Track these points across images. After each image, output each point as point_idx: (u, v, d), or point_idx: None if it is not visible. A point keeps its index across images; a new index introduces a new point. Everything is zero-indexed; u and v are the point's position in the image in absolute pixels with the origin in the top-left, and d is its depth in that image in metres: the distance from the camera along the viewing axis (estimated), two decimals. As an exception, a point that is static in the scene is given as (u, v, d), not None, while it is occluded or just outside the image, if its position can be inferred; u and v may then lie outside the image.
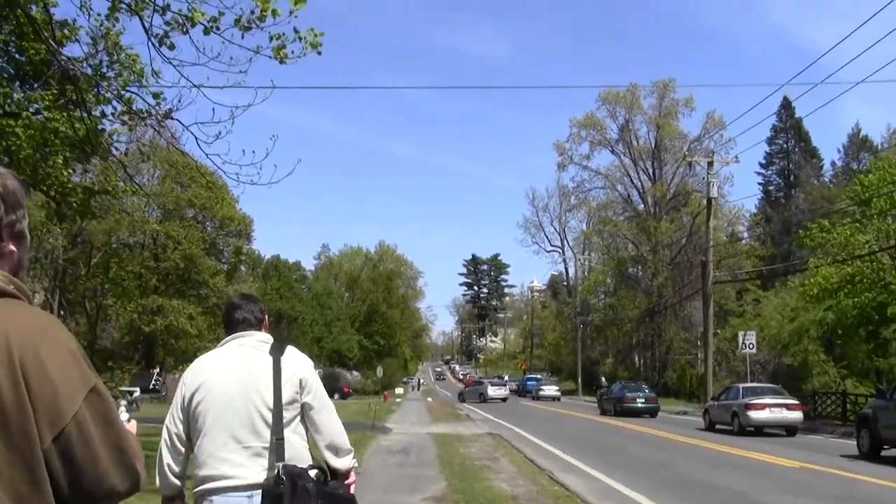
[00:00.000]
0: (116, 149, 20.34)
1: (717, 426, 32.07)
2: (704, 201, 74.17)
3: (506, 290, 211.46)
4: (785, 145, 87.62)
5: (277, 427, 4.06)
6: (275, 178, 11.50)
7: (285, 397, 4.10)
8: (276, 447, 4.03)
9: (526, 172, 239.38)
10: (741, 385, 33.39)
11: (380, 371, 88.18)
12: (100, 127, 15.75)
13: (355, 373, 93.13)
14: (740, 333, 38.98)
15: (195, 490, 4.16)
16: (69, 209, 19.53)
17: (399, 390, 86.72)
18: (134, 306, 59.31)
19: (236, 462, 4.05)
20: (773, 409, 29.51)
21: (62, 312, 60.17)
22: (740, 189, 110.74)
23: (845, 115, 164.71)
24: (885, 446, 20.83)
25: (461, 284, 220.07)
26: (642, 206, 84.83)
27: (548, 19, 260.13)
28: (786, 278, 57.18)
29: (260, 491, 3.97)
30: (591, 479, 15.82)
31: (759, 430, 29.81)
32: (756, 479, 16.38)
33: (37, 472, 1.87)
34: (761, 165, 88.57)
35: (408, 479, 14.99)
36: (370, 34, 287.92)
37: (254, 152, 11.48)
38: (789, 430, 29.73)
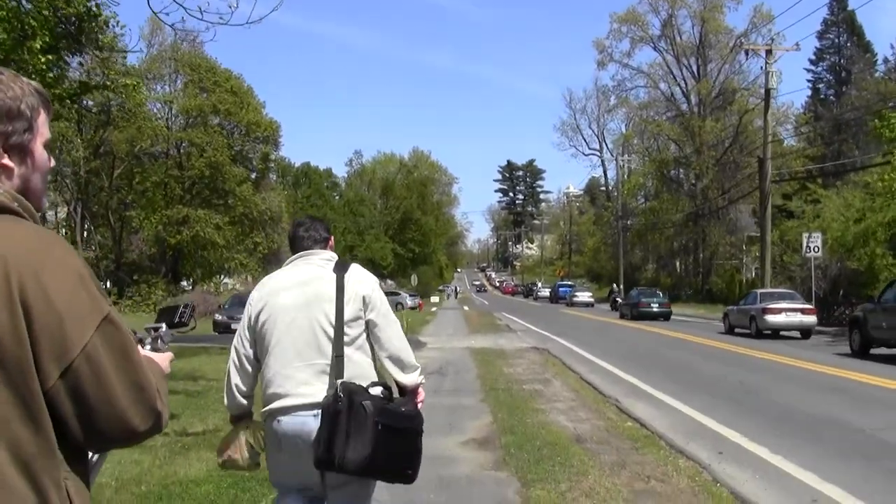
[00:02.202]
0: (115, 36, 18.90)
1: (737, 329, 33.24)
2: (751, 100, 72.44)
3: (542, 197, 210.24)
4: (836, 40, 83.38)
5: (338, 344, 4.06)
6: (253, 17, 9.02)
7: (348, 314, 4.09)
8: (336, 364, 4.03)
9: (563, 80, 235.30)
10: (759, 290, 35.27)
11: (414, 279, 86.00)
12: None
13: (390, 281, 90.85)
14: (804, 235, 36.46)
15: (263, 410, 4.18)
16: (59, 104, 17.32)
17: (435, 298, 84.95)
18: (159, 217, 57.87)
19: (302, 380, 4.05)
20: (789, 313, 30.78)
21: (86, 226, 58.66)
22: (787, 86, 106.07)
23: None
24: (874, 346, 22.60)
25: (496, 191, 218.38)
26: (685, 105, 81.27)
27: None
28: (844, 178, 54.14)
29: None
30: (666, 409, 13.17)
31: (776, 333, 30.82)
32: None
33: (35, 411, 1.74)
34: (811, 62, 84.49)
35: (443, 411, 12.11)
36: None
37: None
38: (804, 332, 30.99)
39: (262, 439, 4.31)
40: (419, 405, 4.29)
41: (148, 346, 2.68)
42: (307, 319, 4.09)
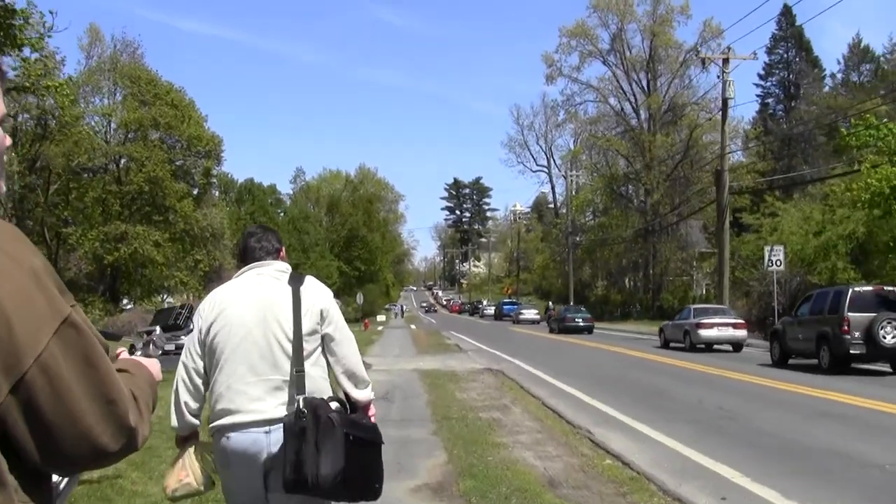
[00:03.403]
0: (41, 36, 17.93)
1: (672, 344, 34.84)
2: (701, 114, 71.94)
3: (489, 214, 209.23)
4: (785, 55, 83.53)
5: (298, 359, 3.95)
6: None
7: (305, 328, 4.00)
8: (297, 380, 3.92)
9: (512, 96, 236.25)
10: (692, 306, 36.88)
11: (360, 298, 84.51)
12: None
13: (335, 300, 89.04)
14: (766, 249, 35.63)
15: (211, 426, 4.03)
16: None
17: (381, 317, 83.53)
18: (96, 234, 55.63)
19: (254, 395, 3.93)
20: (721, 327, 32.32)
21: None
22: (736, 100, 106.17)
23: (846, 24, 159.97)
24: (792, 356, 24.81)
25: (443, 209, 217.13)
26: (635, 120, 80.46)
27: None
28: (802, 190, 53.56)
29: (278, 426, 3.85)
30: (644, 441, 11.65)
31: (709, 346, 32.47)
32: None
33: None
34: (760, 76, 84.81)
35: (390, 446, 10.12)
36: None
37: None
38: (735, 346, 32.49)
39: (212, 459, 4.12)
40: (373, 419, 4.25)
41: (139, 352, 2.40)
42: (263, 333, 3.96)
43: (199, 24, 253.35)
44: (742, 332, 32.59)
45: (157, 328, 2.75)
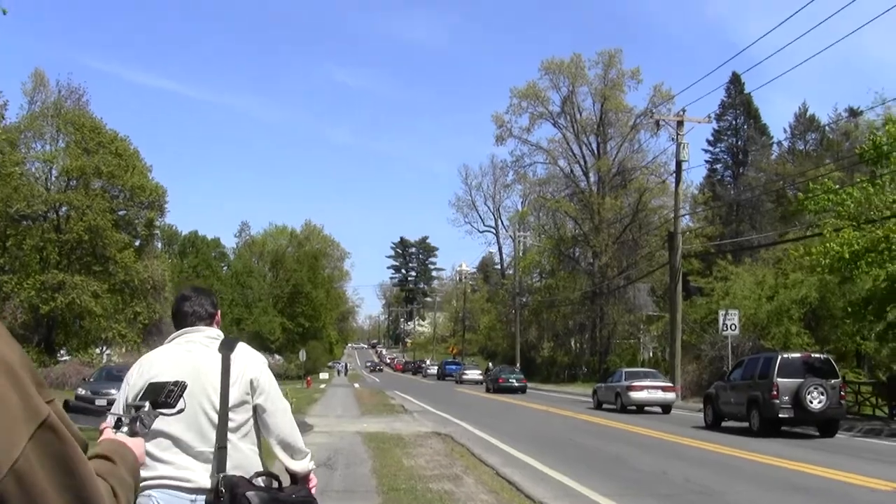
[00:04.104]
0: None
1: (604, 405, 36.46)
2: (650, 178, 72.17)
3: (434, 274, 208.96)
4: (734, 122, 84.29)
5: (221, 434, 3.78)
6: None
7: (233, 399, 3.84)
8: (218, 456, 3.75)
9: (459, 159, 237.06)
10: (624, 369, 39.14)
11: (303, 355, 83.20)
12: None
13: (277, 356, 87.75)
14: (720, 312, 35.62)
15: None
16: None
17: (324, 375, 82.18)
18: (32, 282, 54.17)
19: (181, 465, 3.73)
20: (651, 390, 34.12)
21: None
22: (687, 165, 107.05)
23: (792, 93, 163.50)
24: (725, 419, 25.96)
25: (389, 268, 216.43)
26: (584, 182, 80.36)
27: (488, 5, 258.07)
28: (754, 254, 53.54)
29: (203, 497, 3.69)
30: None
31: (641, 408, 34.13)
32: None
33: None
34: (709, 142, 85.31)
35: None
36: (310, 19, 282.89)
37: None
38: (665, 408, 34.25)
39: None
40: (313, 491, 4.06)
41: (125, 429, 2.37)
42: (189, 404, 3.53)
43: (146, 75, 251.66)
44: (671, 395, 34.62)
45: (147, 404, 2.57)
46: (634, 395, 33.72)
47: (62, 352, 59.72)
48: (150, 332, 59.11)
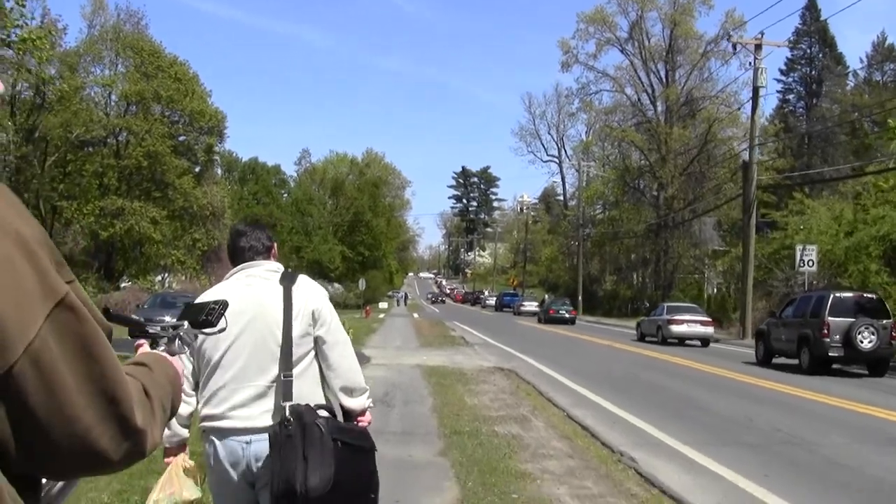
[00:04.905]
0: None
1: (647, 337, 37.64)
2: (721, 108, 69.94)
3: (496, 204, 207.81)
4: (809, 50, 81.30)
5: (286, 363, 3.76)
6: None
7: (296, 331, 3.80)
8: (284, 386, 3.73)
9: (523, 87, 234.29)
10: (666, 304, 40.37)
11: (362, 284, 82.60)
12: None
13: (337, 285, 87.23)
14: (798, 248, 33.97)
15: (200, 424, 3.88)
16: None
17: (383, 304, 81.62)
18: (92, 208, 53.89)
19: (238, 402, 3.75)
20: (691, 324, 35.20)
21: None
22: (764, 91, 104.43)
23: (870, 22, 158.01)
24: (775, 356, 25.95)
25: (450, 197, 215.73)
26: (651, 111, 78.16)
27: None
28: (833, 187, 51.60)
29: (260, 437, 3.69)
30: (702, 474, 9.62)
31: (681, 341, 34.98)
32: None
33: None
34: (781, 72, 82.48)
35: (387, 471, 8.33)
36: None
37: None
38: (703, 341, 35.21)
39: (199, 473, 4.00)
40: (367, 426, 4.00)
41: (162, 347, 2.25)
42: (252, 337, 3.75)
43: (204, 1, 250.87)
44: (710, 329, 35.72)
45: (186, 323, 2.32)
46: (675, 328, 34.94)
47: (123, 278, 59.68)
48: (209, 258, 58.85)
